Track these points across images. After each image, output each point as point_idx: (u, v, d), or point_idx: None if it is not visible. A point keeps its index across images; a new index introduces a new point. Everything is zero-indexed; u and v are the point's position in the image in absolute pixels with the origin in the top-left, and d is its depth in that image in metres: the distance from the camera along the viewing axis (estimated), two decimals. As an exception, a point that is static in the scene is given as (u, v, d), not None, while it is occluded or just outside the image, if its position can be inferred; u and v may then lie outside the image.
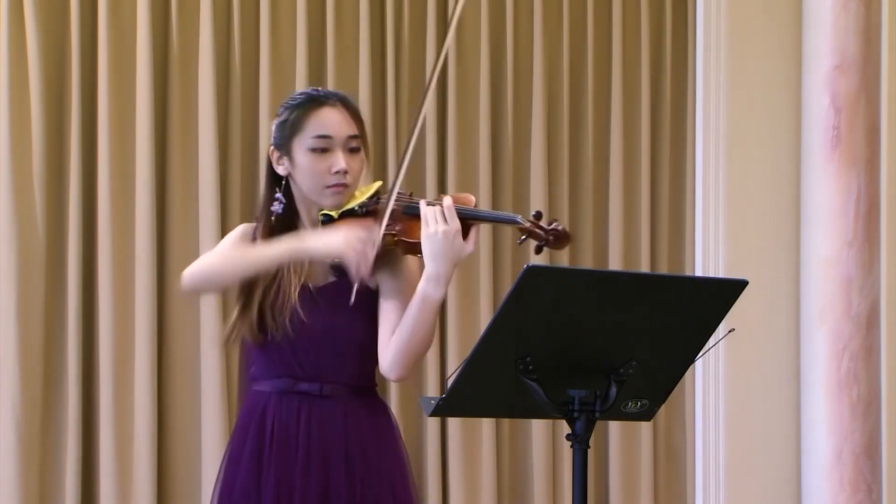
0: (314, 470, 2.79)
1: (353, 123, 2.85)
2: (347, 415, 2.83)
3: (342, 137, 2.83)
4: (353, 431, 2.82)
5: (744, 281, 2.55)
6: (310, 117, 2.83)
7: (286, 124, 2.85)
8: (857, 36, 4.86)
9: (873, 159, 4.92)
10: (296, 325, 2.77)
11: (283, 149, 2.85)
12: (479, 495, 4.84)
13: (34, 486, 4.46)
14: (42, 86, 4.48)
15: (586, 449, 2.54)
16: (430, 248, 2.69)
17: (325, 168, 2.81)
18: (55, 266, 4.53)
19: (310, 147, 2.81)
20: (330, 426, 2.81)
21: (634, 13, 5.12)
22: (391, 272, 2.82)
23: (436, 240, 2.69)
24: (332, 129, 2.82)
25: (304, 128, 2.82)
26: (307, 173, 2.82)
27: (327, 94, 2.88)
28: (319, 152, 2.81)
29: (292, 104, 2.88)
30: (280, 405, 2.81)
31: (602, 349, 2.52)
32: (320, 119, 2.83)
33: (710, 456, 5.14)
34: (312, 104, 2.85)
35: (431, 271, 2.69)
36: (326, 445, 2.80)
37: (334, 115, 2.84)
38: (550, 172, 5.00)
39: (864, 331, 4.88)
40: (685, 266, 5.18)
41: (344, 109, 2.85)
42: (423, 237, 2.70)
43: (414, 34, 4.87)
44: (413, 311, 2.72)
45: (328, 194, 2.82)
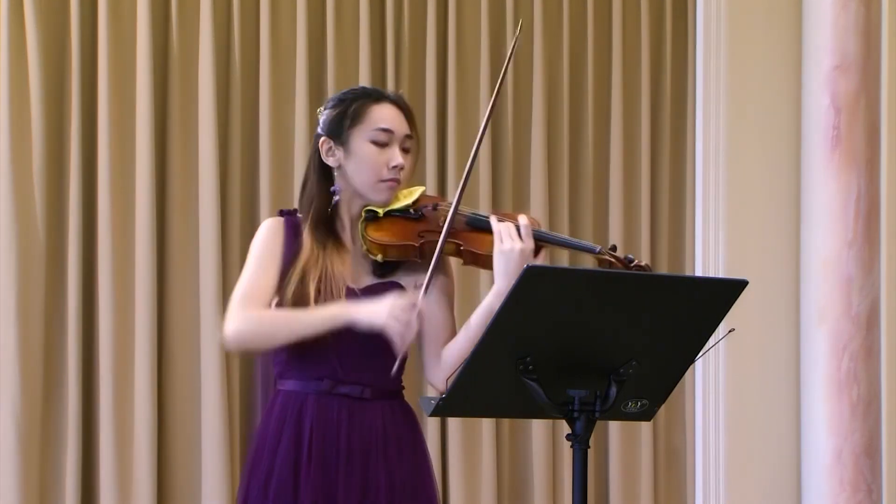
0: (355, 470, 2.79)
1: (408, 124, 2.88)
2: (385, 418, 2.84)
3: (401, 135, 2.85)
4: (391, 433, 2.84)
5: (744, 281, 2.55)
6: (373, 109, 2.84)
7: (346, 114, 2.84)
8: (857, 36, 4.86)
9: (873, 159, 4.92)
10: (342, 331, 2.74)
11: (338, 139, 2.84)
12: (479, 495, 4.84)
13: (34, 486, 4.46)
14: (42, 86, 4.48)
15: (586, 449, 2.54)
16: (503, 265, 2.72)
17: (384, 161, 2.81)
18: (55, 266, 4.52)
19: (371, 139, 2.82)
20: (369, 429, 2.81)
21: (634, 13, 5.13)
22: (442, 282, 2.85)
23: (511, 257, 2.72)
24: (394, 125, 2.84)
25: (367, 118, 2.83)
26: (365, 164, 2.82)
27: (388, 93, 2.92)
28: (379, 145, 2.82)
29: (350, 96, 2.88)
30: (318, 406, 2.80)
31: (602, 349, 2.52)
32: (384, 112, 2.85)
33: (710, 456, 5.14)
34: (376, 97, 2.88)
35: (502, 287, 2.71)
36: (367, 448, 2.80)
37: (395, 112, 2.87)
38: (550, 172, 5.01)
39: (864, 331, 4.88)
40: (685, 266, 5.18)
41: (403, 109, 2.89)
42: (497, 252, 2.72)
43: (414, 34, 4.88)
44: (477, 327, 2.75)
45: (382, 188, 2.82)
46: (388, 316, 2.66)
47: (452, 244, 2.79)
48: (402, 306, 2.67)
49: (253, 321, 2.76)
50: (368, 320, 2.69)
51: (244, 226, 4.68)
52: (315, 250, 2.81)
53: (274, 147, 4.69)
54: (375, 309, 2.69)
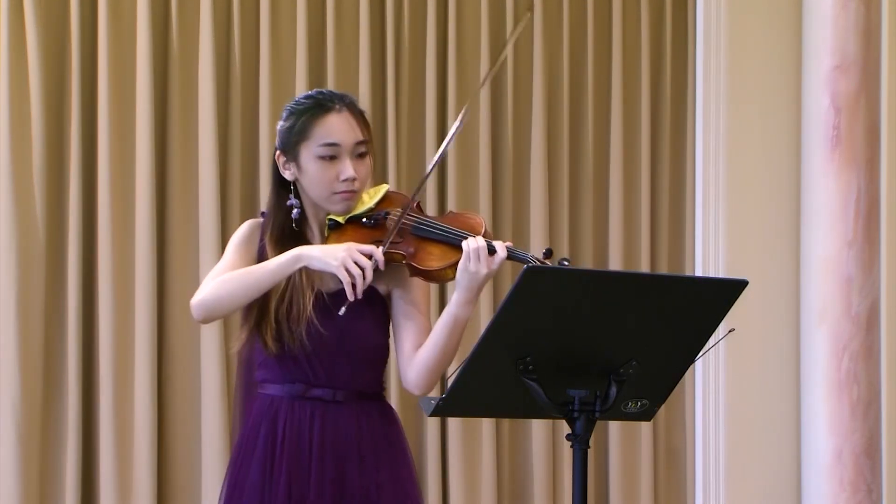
0: (328, 474, 2.80)
1: (359, 129, 2.83)
2: (360, 420, 2.84)
3: (350, 144, 2.81)
4: (366, 436, 2.84)
5: (744, 281, 2.55)
6: (316, 124, 2.80)
7: (292, 130, 2.83)
8: (857, 36, 4.86)
9: (873, 159, 4.92)
10: (312, 335, 2.77)
11: (289, 154, 2.84)
12: (479, 495, 4.84)
13: (34, 485, 4.46)
14: (42, 86, 4.48)
15: (586, 449, 2.54)
16: (466, 282, 2.71)
17: (334, 175, 2.80)
18: (55, 266, 4.52)
19: (317, 154, 2.80)
20: (343, 431, 2.82)
21: (634, 13, 5.12)
22: (403, 285, 2.84)
23: (476, 278, 2.71)
24: (339, 137, 2.80)
25: (311, 135, 2.80)
26: (315, 180, 2.81)
27: (333, 99, 2.84)
28: (327, 159, 2.80)
29: (298, 109, 2.85)
30: (292, 410, 2.81)
31: (602, 349, 2.52)
32: (327, 126, 2.80)
33: (710, 456, 5.14)
34: (319, 110, 2.82)
35: (463, 298, 2.72)
36: (340, 450, 2.81)
37: (341, 122, 2.81)
38: (550, 172, 5.00)
39: (864, 331, 4.87)
40: (685, 266, 5.18)
41: (350, 115, 2.83)
42: (462, 270, 2.70)
43: (414, 34, 4.87)
44: (443, 332, 2.76)
45: (336, 200, 2.82)
46: (341, 262, 2.66)
47: (398, 254, 2.77)
48: (354, 255, 2.67)
49: (212, 286, 2.80)
50: (322, 263, 2.69)
51: (244, 226, 4.68)
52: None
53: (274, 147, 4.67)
54: (330, 251, 2.69)
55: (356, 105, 2.86)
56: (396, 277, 2.83)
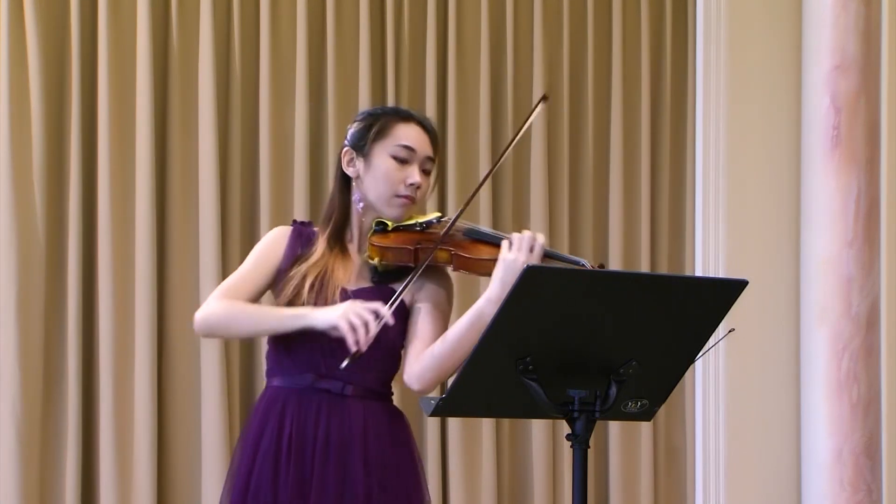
0: (332, 468, 2.81)
1: (432, 147, 2.94)
2: (367, 417, 2.86)
3: (423, 155, 2.91)
4: (371, 434, 2.85)
5: (744, 281, 2.55)
6: (399, 126, 2.91)
7: (372, 127, 2.91)
8: (857, 36, 4.86)
9: (873, 159, 4.92)
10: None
11: (361, 150, 2.91)
12: (479, 495, 4.84)
13: (34, 485, 4.46)
14: (42, 86, 4.49)
15: (586, 449, 2.54)
16: (501, 272, 2.76)
17: (402, 177, 2.88)
18: (55, 266, 4.53)
19: (392, 153, 2.89)
20: (348, 426, 2.83)
21: (634, 13, 5.13)
22: (434, 287, 2.88)
23: (512, 267, 2.75)
24: (417, 143, 2.91)
25: (392, 134, 2.90)
26: (382, 178, 2.88)
27: (418, 115, 2.99)
28: (400, 161, 2.89)
29: (379, 112, 2.98)
30: (300, 402, 2.83)
31: (602, 349, 2.52)
32: (409, 131, 2.91)
33: (710, 456, 5.15)
34: (404, 115, 2.95)
35: (495, 294, 2.75)
36: (345, 445, 2.82)
37: (420, 133, 2.93)
38: (550, 173, 5.01)
39: (864, 331, 4.88)
40: (685, 266, 5.18)
41: (429, 133, 2.95)
42: (501, 260, 2.76)
43: (414, 34, 4.88)
44: (464, 328, 2.78)
45: (396, 204, 2.89)
46: (340, 316, 2.70)
47: (444, 251, 2.83)
48: (357, 309, 2.71)
49: (221, 308, 2.86)
50: (324, 321, 2.74)
51: (244, 226, 4.69)
52: (324, 254, 2.89)
53: (274, 147, 4.69)
54: (332, 310, 2.74)
55: (436, 130, 2.99)
56: (428, 283, 2.88)
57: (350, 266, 2.89)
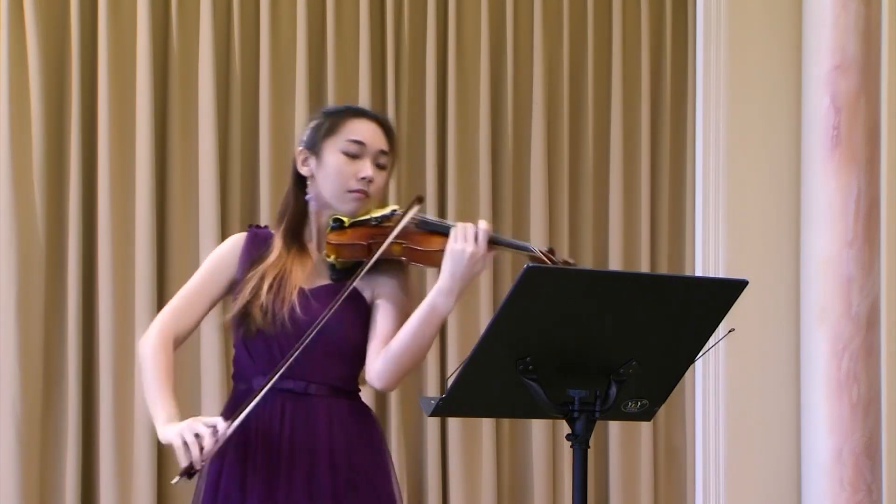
0: (298, 467, 2.81)
1: (386, 141, 2.92)
2: (331, 415, 2.84)
3: (374, 149, 2.89)
4: (337, 432, 2.84)
5: (744, 281, 2.55)
6: (348, 122, 2.90)
7: (322, 126, 2.91)
8: (857, 36, 4.86)
9: (873, 159, 4.92)
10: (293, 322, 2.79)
11: (313, 149, 2.91)
12: (479, 495, 4.84)
13: (34, 485, 4.46)
14: (42, 86, 4.48)
15: (586, 449, 2.54)
16: (451, 265, 2.73)
17: (353, 172, 2.86)
18: (55, 266, 4.53)
19: (342, 149, 2.88)
20: (313, 425, 2.82)
21: (634, 13, 5.13)
22: (389, 280, 2.86)
23: (461, 258, 2.73)
24: (367, 138, 2.89)
25: (341, 130, 2.89)
26: (333, 173, 2.87)
27: (369, 110, 2.98)
28: (350, 156, 2.87)
29: (332, 110, 2.98)
30: (264, 403, 2.80)
31: (602, 349, 2.52)
32: (359, 126, 2.90)
33: (710, 456, 5.14)
34: (355, 112, 2.95)
35: (445, 285, 2.73)
36: (310, 444, 2.82)
37: (372, 127, 2.91)
38: (550, 172, 5.01)
39: (864, 331, 4.88)
40: (685, 266, 5.18)
41: (382, 127, 2.93)
42: (448, 251, 2.74)
43: (414, 34, 4.88)
44: (417, 322, 2.75)
45: (349, 199, 2.87)
46: (176, 433, 2.67)
47: (397, 244, 2.81)
48: (194, 425, 2.66)
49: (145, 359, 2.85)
50: (163, 436, 2.73)
51: (244, 226, 4.67)
52: (280, 254, 2.89)
53: (274, 147, 4.69)
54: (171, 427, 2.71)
55: (391, 126, 2.97)
56: (386, 277, 2.86)
57: (308, 265, 2.88)
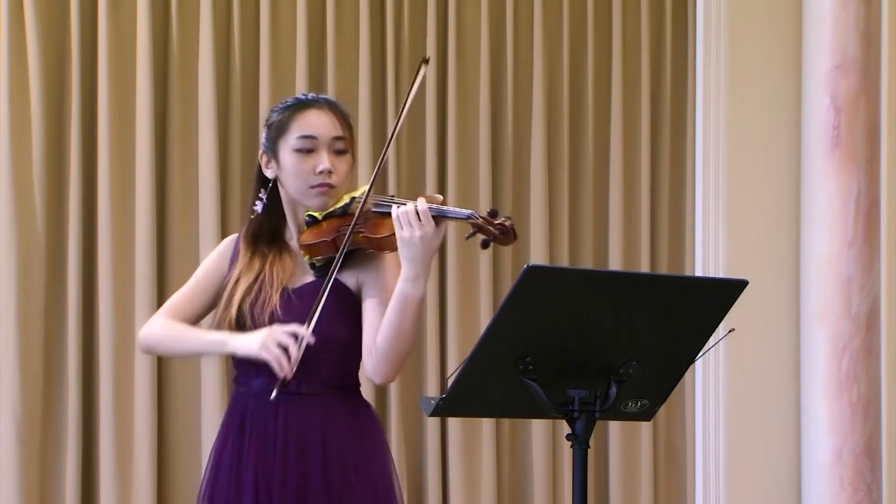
0: (291, 467, 2.80)
1: (338, 125, 2.88)
2: (326, 413, 2.84)
3: (327, 138, 2.86)
4: (331, 429, 2.83)
5: (744, 281, 2.55)
6: (295, 118, 2.87)
7: (273, 127, 2.90)
8: (857, 36, 4.86)
9: (873, 159, 4.92)
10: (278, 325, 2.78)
11: (270, 151, 2.90)
12: (479, 495, 4.84)
13: (34, 485, 4.46)
14: (42, 86, 4.49)
15: (586, 449, 2.54)
16: (407, 252, 2.70)
17: (310, 168, 2.84)
18: (55, 266, 4.53)
19: (294, 147, 2.85)
20: (307, 423, 2.82)
21: (634, 13, 5.13)
22: (373, 272, 2.84)
23: (412, 243, 2.70)
24: (316, 130, 2.86)
25: (290, 129, 2.86)
26: (292, 174, 2.85)
27: (315, 98, 2.92)
28: (304, 153, 2.85)
29: (279, 108, 2.93)
30: (258, 405, 2.82)
31: (602, 349, 2.52)
32: (305, 120, 2.87)
33: (710, 456, 5.14)
34: (298, 106, 2.89)
35: (409, 272, 2.71)
36: (303, 442, 2.81)
37: (320, 117, 2.87)
38: (550, 172, 5.00)
39: (864, 331, 4.88)
40: (685, 266, 5.18)
41: (330, 112, 2.89)
42: (399, 240, 2.71)
43: (414, 34, 4.87)
44: (393, 314, 2.74)
45: (313, 195, 2.85)
46: (260, 345, 2.70)
47: (359, 234, 2.79)
48: (276, 335, 2.70)
49: (159, 327, 2.91)
50: (244, 349, 2.75)
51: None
52: (248, 258, 2.89)
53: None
54: (251, 338, 2.74)
55: (338, 105, 2.93)
56: (365, 268, 2.84)
57: (289, 264, 2.88)
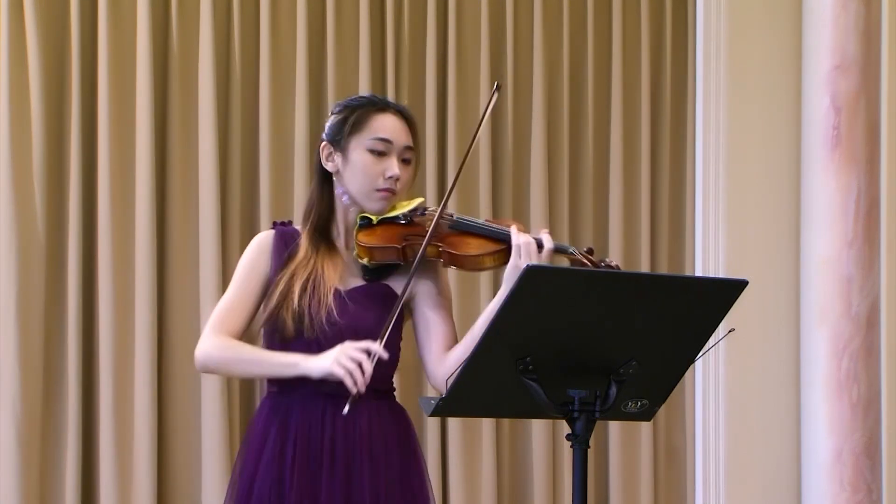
0: (339, 471, 2.80)
1: (410, 135, 2.90)
2: (371, 417, 2.85)
3: (401, 145, 2.87)
4: (377, 434, 2.84)
5: (744, 281, 2.55)
6: (374, 118, 2.87)
7: (347, 121, 2.88)
8: (857, 36, 4.86)
9: (873, 159, 4.92)
10: (331, 325, 2.78)
11: (337, 145, 2.88)
12: (479, 495, 4.84)
13: (34, 485, 4.46)
14: (42, 86, 4.48)
15: (586, 449, 2.54)
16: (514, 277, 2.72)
17: (380, 171, 2.84)
18: (55, 266, 4.53)
19: (369, 147, 2.85)
20: (354, 428, 2.82)
21: (634, 13, 5.13)
22: (432, 283, 2.88)
23: None
24: (393, 135, 2.86)
25: (367, 127, 2.86)
26: (360, 172, 2.85)
27: (393, 103, 2.94)
28: (377, 154, 2.85)
29: (355, 103, 2.92)
30: (304, 408, 2.81)
31: (602, 349, 2.52)
32: (384, 122, 2.87)
33: (710, 456, 5.14)
34: (378, 106, 2.90)
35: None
36: (351, 447, 2.81)
37: (397, 123, 2.88)
38: (550, 173, 5.01)
39: (864, 331, 4.88)
40: (685, 266, 5.18)
41: (406, 120, 2.90)
42: (512, 267, 2.75)
43: (414, 35, 4.88)
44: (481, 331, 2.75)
45: (376, 198, 2.85)
46: (333, 361, 2.69)
47: (434, 247, 2.81)
48: (349, 352, 2.69)
49: (218, 350, 2.85)
50: (319, 369, 2.72)
51: (244, 226, 4.69)
52: (309, 253, 2.86)
53: (274, 147, 4.69)
54: (324, 356, 2.72)
55: (412, 116, 2.94)
56: (424, 279, 2.87)
57: (339, 264, 2.87)
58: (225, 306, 2.90)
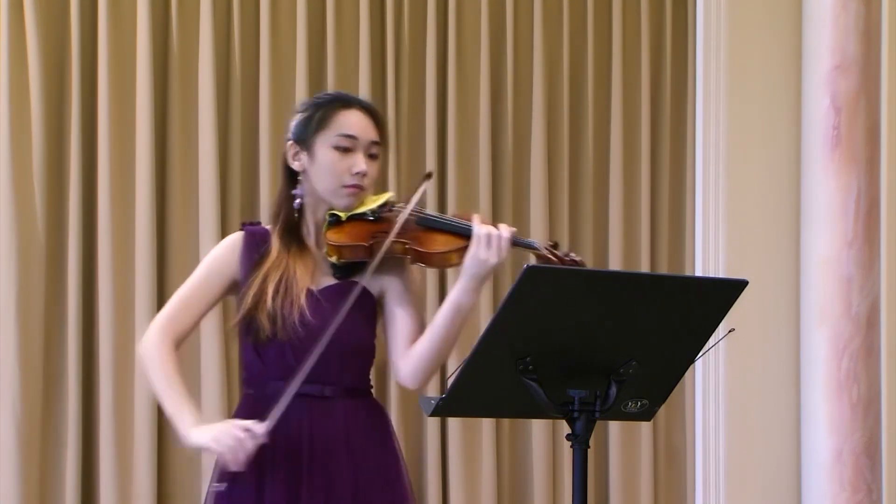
0: (317, 470, 2.80)
1: (376, 131, 2.89)
2: (347, 416, 2.84)
3: (366, 141, 2.86)
4: (354, 432, 2.83)
5: (744, 281, 2.55)
6: (338, 115, 2.86)
7: (312, 119, 2.87)
8: (857, 36, 4.86)
9: (873, 159, 4.92)
10: (304, 326, 2.78)
11: (303, 144, 2.87)
12: (479, 495, 4.84)
13: (34, 485, 4.46)
14: (42, 86, 4.49)
15: (586, 449, 2.54)
16: (474, 270, 2.74)
17: (346, 167, 2.83)
18: (55, 266, 4.53)
19: (334, 144, 2.84)
20: (331, 427, 2.81)
21: (634, 13, 5.13)
22: (397, 282, 2.86)
23: (484, 266, 2.75)
24: (358, 131, 2.85)
25: (331, 125, 2.85)
26: (326, 170, 2.84)
27: (357, 99, 2.93)
28: (342, 151, 2.84)
29: (320, 101, 2.91)
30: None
31: (602, 349, 2.52)
32: (348, 119, 2.86)
33: (710, 456, 5.14)
34: (342, 103, 2.88)
35: (469, 285, 2.76)
36: (329, 446, 2.81)
37: (362, 118, 2.87)
38: (550, 173, 5.01)
39: (864, 331, 4.88)
40: (685, 266, 5.18)
41: (371, 116, 2.89)
42: (471, 257, 2.74)
43: (414, 34, 4.88)
44: (444, 323, 2.77)
45: (343, 194, 2.84)
46: (211, 439, 2.67)
47: (400, 244, 2.80)
48: (231, 431, 2.67)
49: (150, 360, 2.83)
50: (197, 442, 2.71)
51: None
52: (280, 254, 2.86)
53: (274, 147, 4.68)
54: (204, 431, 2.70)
55: (377, 111, 2.93)
56: (391, 275, 2.85)
57: (310, 263, 2.86)
58: (180, 301, 2.90)
